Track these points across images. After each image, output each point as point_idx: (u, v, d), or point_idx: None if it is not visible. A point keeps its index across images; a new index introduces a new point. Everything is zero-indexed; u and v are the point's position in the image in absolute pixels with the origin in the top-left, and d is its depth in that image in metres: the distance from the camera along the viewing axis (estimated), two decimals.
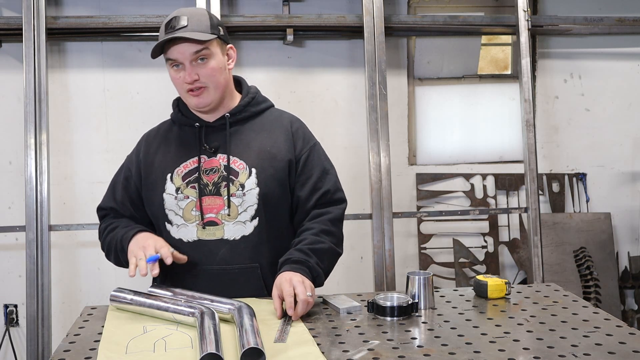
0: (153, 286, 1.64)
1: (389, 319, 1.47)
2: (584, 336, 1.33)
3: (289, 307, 1.45)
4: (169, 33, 1.61)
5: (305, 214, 1.75)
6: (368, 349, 1.27)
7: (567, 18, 3.43)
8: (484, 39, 3.69)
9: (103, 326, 1.45)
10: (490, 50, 3.98)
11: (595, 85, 3.69)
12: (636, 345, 1.27)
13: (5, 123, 3.27)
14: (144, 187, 1.77)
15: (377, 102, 3.11)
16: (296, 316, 1.46)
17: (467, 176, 3.63)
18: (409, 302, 1.49)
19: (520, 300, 1.62)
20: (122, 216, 1.80)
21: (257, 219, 1.68)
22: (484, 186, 3.65)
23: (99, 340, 1.35)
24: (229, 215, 1.67)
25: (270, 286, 1.62)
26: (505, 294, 1.64)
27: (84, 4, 3.25)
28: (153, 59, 1.69)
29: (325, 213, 1.73)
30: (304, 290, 1.48)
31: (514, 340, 1.31)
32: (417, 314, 1.51)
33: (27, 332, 2.90)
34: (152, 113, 3.10)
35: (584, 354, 1.23)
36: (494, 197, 3.65)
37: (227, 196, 1.67)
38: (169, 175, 1.72)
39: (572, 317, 1.47)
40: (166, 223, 1.72)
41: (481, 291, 1.64)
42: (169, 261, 1.57)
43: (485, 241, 3.65)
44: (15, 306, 3.34)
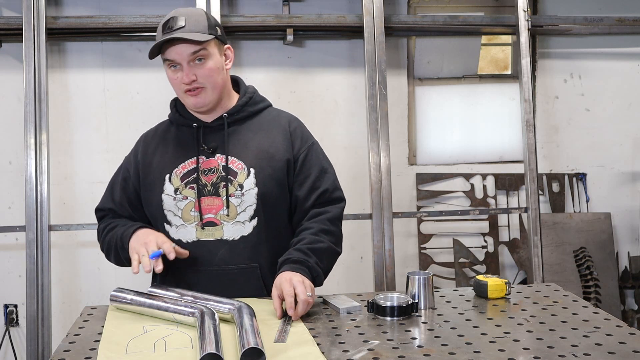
0: (153, 286, 1.64)
1: (389, 319, 1.47)
2: (584, 336, 1.33)
3: (290, 307, 1.45)
4: (167, 34, 1.61)
5: (303, 213, 1.75)
6: (368, 349, 1.27)
7: (567, 18, 3.43)
8: (484, 39, 3.69)
9: (103, 326, 1.45)
10: (490, 50, 3.98)
11: (595, 85, 3.70)
12: (636, 345, 1.27)
13: (5, 123, 3.27)
14: (142, 187, 1.77)
15: (377, 102, 3.11)
16: (296, 316, 1.46)
17: (467, 176, 3.63)
18: (409, 302, 1.49)
19: (520, 300, 1.62)
20: (121, 217, 1.80)
21: (256, 219, 1.68)
22: (484, 186, 3.65)
23: (99, 340, 1.35)
24: (227, 215, 1.67)
25: (269, 286, 1.62)
26: (505, 294, 1.64)
27: (84, 4, 3.26)
28: (151, 60, 1.69)
29: (323, 212, 1.73)
30: (304, 291, 1.48)
31: (514, 340, 1.31)
32: (417, 314, 1.51)
33: (27, 332, 2.90)
34: (152, 113, 3.10)
35: (584, 354, 1.23)
36: (494, 197, 3.65)
37: (225, 196, 1.67)
38: (168, 176, 1.72)
39: (572, 317, 1.47)
40: (165, 224, 1.72)
41: (481, 291, 1.64)
42: (171, 256, 1.57)
43: (485, 241, 3.65)
44: (15, 306, 3.34)
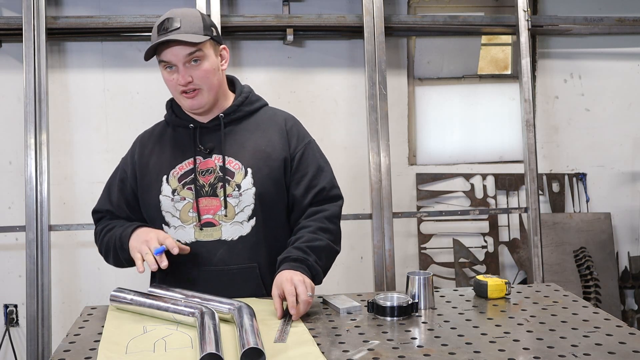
0: (153, 286, 1.63)
1: (389, 319, 1.47)
2: (584, 336, 1.33)
3: (292, 306, 1.45)
4: (162, 35, 1.60)
5: (301, 212, 1.75)
6: (368, 349, 1.27)
7: (567, 18, 3.43)
8: (484, 39, 3.69)
9: (103, 326, 1.45)
10: (490, 50, 3.98)
11: (595, 85, 3.69)
12: (636, 345, 1.27)
13: (5, 123, 3.27)
14: (140, 189, 1.76)
15: (377, 102, 3.11)
16: (297, 316, 1.46)
17: (467, 176, 3.63)
18: (409, 302, 1.49)
19: (520, 300, 1.62)
20: (118, 218, 1.79)
21: (254, 218, 1.68)
22: (484, 186, 3.65)
23: (99, 340, 1.35)
24: (226, 216, 1.67)
25: (268, 286, 1.62)
26: (505, 294, 1.64)
27: (84, 4, 3.26)
28: (147, 61, 1.68)
29: (321, 210, 1.73)
30: (305, 291, 1.48)
31: (514, 340, 1.31)
32: (417, 314, 1.51)
33: (27, 332, 2.90)
34: (152, 113, 3.08)
35: (584, 354, 1.23)
36: (494, 197, 3.65)
37: (223, 197, 1.67)
38: (165, 177, 1.72)
39: (572, 317, 1.47)
40: (163, 225, 1.71)
41: (481, 291, 1.64)
42: (175, 251, 1.56)
43: (485, 241, 3.65)
44: (15, 306, 3.34)
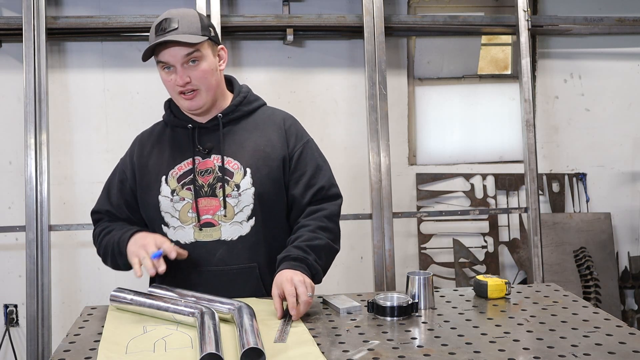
0: (153, 286, 1.63)
1: (389, 319, 1.47)
2: (584, 336, 1.33)
3: (292, 307, 1.45)
4: (160, 36, 1.60)
5: (300, 211, 1.75)
6: (368, 349, 1.27)
7: (567, 18, 3.43)
8: (484, 39, 3.69)
9: (103, 326, 1.45)
10: (490, 50, 3.98)
11: (595, 85, 3.69)
12: (636, 345, 1.27)
13: (5, 123, 3.27)
14: (139, 189, 1.76)
15: (377, 102, 3.11)
16: (297, 316, 1.46)
17: (467, 176, 3.63)
18: (409, 302, 1.49)
19: (520, 300, 1.62)
20: (118, 219, 1.79)
21: (254, 218, 1.68)
22: (484, 186, 3.65)
23: (99, 340, 1.35)
24: (225, 216, 1.67)
25: (268, 286, 1.62)
26: (505, 294, 1.64)
27: (84, 4, 3.26)
28: (145, 62, 1.68)
29: (320, 209, 1.73)
30: (305, 291, 1.48)
31: (514, 340, 1.31)
32: (417, 314, 1.51)
33: (27, 332, 2.90)
34: (152, 113, 3.07)
35: (584, 354, 1.23)
36: (494, 197, 3.65)
37: (222, 197, 1.67)
38: (164, 178, 1.72)
39: (572, 317, 1.47)
40: (162, 225, 1.71)
41: (481, 291, 1.64)
42: (173, 255, 1.57)
43: (485, 241, 3.65)
44: (15, 306, 3.34)
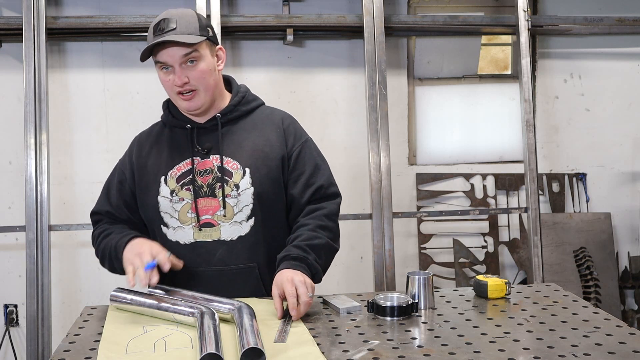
0: (153, 286, 1.63)
1: (389, 319, 1.47)
2: (584, 336, 1.33)
3: (292, 307, 1.45)
4: (158, 36, 1.60)
5: (299, 210, 1.75)
6: (368, 349, 1.27)
7: (567, 18, 3.43)
8: (484, 39, 3.69)
9: (103, 326, 1.45)
10: (490, 50, 3.98)
11: (595, 85, 3.70)
12: (636, 345, 1.27)
13: (5, 123, 3.27)
14: (138, 189, 1.76)
15: (377, 102, 3.11)
16: (298, 317, 1.46)
17: (467, 176, 3.63)
18: (409, 302, 1.49)
19: (520, 300, 1.62)
20: (117, 220, 1.79)
21: (253, 218, 1.68)
22: (484, 186, 3.65)
23: (99, 340, 1.35)
24: (224, 216, 1.67)
25: (268, 285, 1.62)
26: (505, 294, 1.64)
27: (84, 4, 3.26)
28: (143, 62, 1.68)
29: (320, 208, 1.73)
30: (306, 292, 1.48)
31: (514, 340, 1.31)
32: (417, 314, 1.51)
33: (27, 332, 2.90)
34: (152, 113, 3.07)
35: (584, 354, 1.23)
36: (494, 197, 3.65)
37: (222, 197, 1.67)
38: (163, 178, 1.72)
39: (572, 317, 1.47)
40: (162, 226, 1.71)
41: (481, 291, 1.64)
42: (166, 267, 1.56)
43: (485, 241, 3.65)
44: (15, 306, 3.34)
